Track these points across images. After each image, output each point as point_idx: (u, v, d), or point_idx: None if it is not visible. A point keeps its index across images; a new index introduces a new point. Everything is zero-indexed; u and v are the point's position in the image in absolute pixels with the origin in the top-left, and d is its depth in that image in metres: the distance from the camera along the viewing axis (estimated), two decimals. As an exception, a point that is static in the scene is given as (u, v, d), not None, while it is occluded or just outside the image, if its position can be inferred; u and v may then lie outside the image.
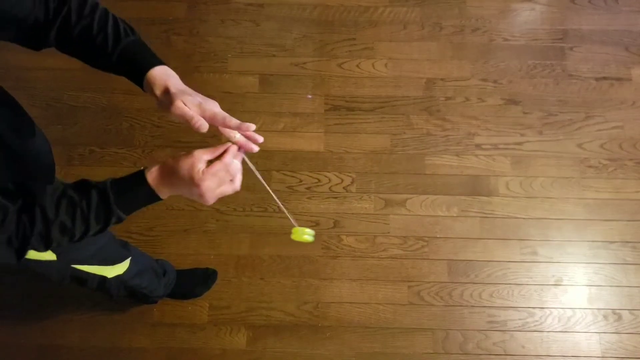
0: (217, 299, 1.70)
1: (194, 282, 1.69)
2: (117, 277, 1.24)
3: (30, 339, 1.65)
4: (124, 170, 1.98)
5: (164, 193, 0.76)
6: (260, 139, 0.81)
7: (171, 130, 1.91)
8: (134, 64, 0.78)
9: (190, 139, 1.89)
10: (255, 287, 1.72)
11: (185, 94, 0.75)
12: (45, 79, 1.97)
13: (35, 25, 0.78)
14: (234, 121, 0.77)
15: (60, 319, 1.67)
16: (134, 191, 0.76)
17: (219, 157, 0.76)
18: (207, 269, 1.72)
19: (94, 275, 1.19)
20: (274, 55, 2.04)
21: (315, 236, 0.92)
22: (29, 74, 1.98)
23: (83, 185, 0.75)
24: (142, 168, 0.76)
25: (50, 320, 1.67)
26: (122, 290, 1.36)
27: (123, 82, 2.22)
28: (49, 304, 1.69)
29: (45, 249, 0.75)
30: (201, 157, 0.74)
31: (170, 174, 0.74)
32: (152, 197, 0.76)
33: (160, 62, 0.78)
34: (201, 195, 0.76)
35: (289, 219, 0.92)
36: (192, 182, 0.73)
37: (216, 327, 1.67)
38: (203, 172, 0.74)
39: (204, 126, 0.74)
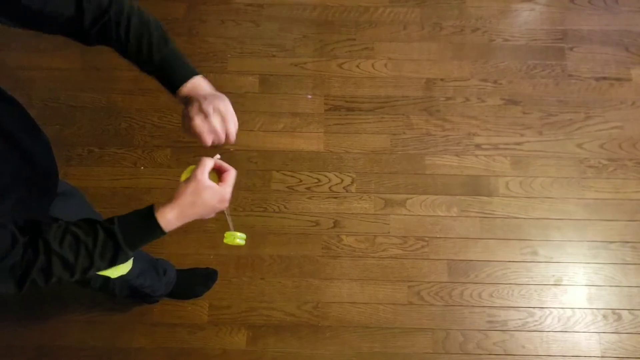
0: (217, 299, 1.70)
1: (195, 282, 1.68)
2: (121, 277, 1.24)
3: (29, 339, 1.65)
4: (123, 171, 1.99)
5: (172, 226, 0.79)
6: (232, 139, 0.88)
7: (171, 130, 1.91)
8: (165, 85, 0.84)
9: (190, 139, 1.89)
10: (256, 287, 1.72)
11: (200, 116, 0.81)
12: (43, 78, 1.96)
13: (70, 27, 0.78)
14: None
15: (59, 319, 1.67)
16: (143, 228, 0.77)
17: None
18: (208, 268, 1.72)
19: (97, 275, 1.18)
20: (274, 56, 2.03)
21: (247, 240, 0.94)
22: (27, 74, 1.98)
23: (88, 223, 0.76)
24: (151, 205, 0.79)
25: (50, 320, 1.67)
26: (125, 290, 1.36)
27: (122, 82, 2.21)
28: (48, 304, 1.68)
29: (45, 284, 0.74)
30: (207, 175, 0.81)
31: (189, 205, 0.78)
32: (160, 233, 0.78)
33: (184, 80, 0.82)
34: (222, 204, 0.83)
35: (229, 223, 0.94)
36: (221, 200, 0.81)
37: (216, 327, 1.67)
38: (220, 185, 0.82)
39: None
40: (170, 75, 0.82)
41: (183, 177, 0.83)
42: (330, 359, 1.65)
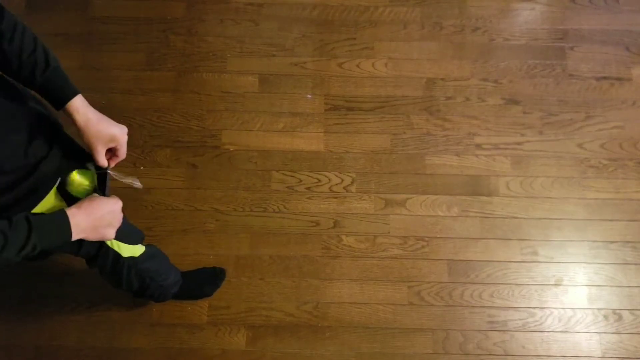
0: (217, 299, 1.69)
1: (202, 281, 1.68)
2: (132, 259, 1.24)
3: (27, 340, 1.64)
4: (123, 170, 1.97)
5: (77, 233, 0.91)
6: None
7: (171, 130, 1.91)
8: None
9: (189, 138, 1.89)
10: (255, 288, 1.72)
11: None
12: (43, 78, 1.96)
13: None
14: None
15: (58, 319, 1.67)
16: (54, 224, 0.89)
17: None
18: (215, 268, 1.71)
19: (108, 248, 1.17)
20: (273, 55, 2.03)
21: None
22: (28, 73, 1.97)
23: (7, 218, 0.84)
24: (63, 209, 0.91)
25: (49, 320, 1.66)
26: (132, 275, 1.32)
27: (121, 81, 2.19)
28: (46, 304, 1.68)
29: None
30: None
31: (91, 212, 0.94)
32: (68, 236, 0.90)
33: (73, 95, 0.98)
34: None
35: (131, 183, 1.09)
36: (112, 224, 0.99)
37: (215, 328, 1.67)
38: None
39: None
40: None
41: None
42: (330, 360, 1.65)
